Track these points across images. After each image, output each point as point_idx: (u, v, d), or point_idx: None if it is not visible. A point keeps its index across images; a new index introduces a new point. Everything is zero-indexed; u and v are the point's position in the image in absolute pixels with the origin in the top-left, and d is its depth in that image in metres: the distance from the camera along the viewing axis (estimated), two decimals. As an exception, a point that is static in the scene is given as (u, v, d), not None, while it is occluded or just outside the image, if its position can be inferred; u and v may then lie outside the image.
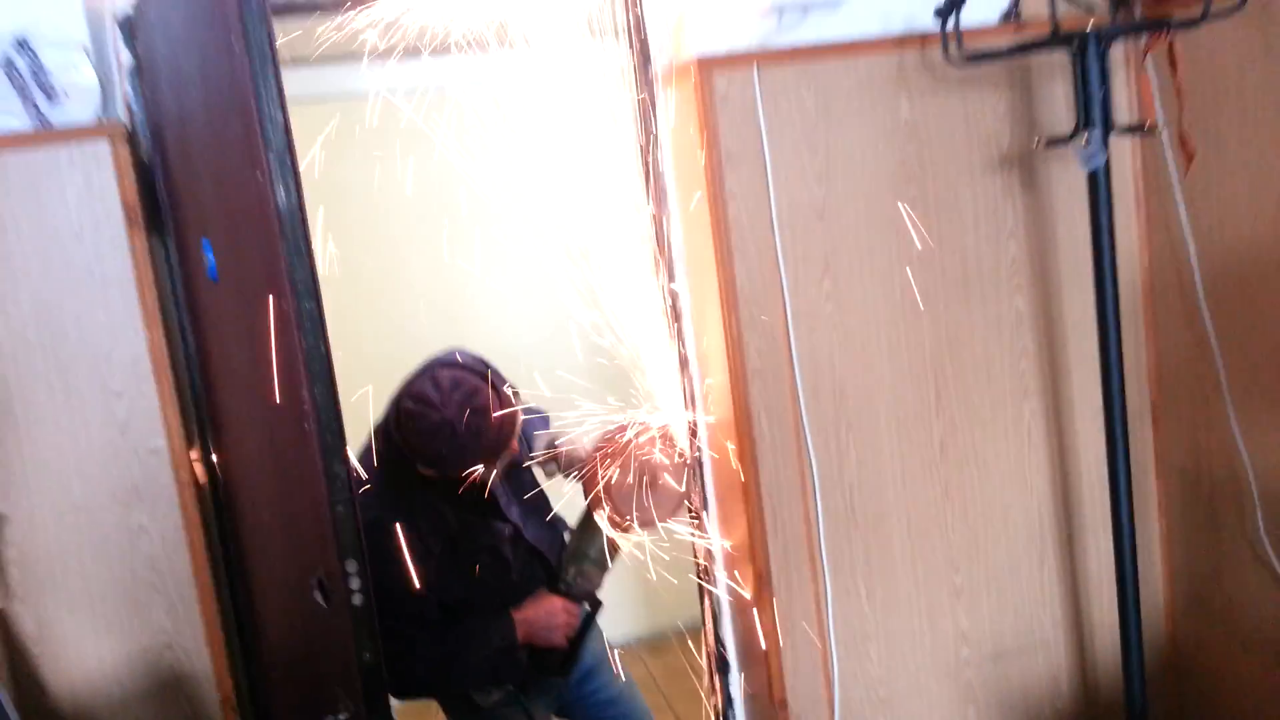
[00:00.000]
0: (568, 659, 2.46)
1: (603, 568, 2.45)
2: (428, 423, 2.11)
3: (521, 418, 2.29)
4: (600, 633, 2.68)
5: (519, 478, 2.51)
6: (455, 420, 2.10)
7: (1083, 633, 2.66)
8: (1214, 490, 2.49)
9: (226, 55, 1.33)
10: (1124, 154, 2.52)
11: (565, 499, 2.51)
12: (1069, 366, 2.54)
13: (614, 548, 2.43)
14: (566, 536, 2.52)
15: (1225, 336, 2.35)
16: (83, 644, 2.11)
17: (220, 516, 2.21)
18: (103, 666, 2.12)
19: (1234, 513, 2.43)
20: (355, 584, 1.36)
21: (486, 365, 2.27)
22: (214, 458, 2.20)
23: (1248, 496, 2.36)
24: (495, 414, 2.14)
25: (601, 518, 2.36)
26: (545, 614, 2.38)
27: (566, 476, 2.50)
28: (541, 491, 2.55)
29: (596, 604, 2.51)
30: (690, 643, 2.65)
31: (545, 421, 2.63)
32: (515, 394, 2.34)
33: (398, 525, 2.16)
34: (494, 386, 2.18)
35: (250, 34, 1.26)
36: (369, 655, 1.37)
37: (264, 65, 1.27)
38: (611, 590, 4.45)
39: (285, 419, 1.48)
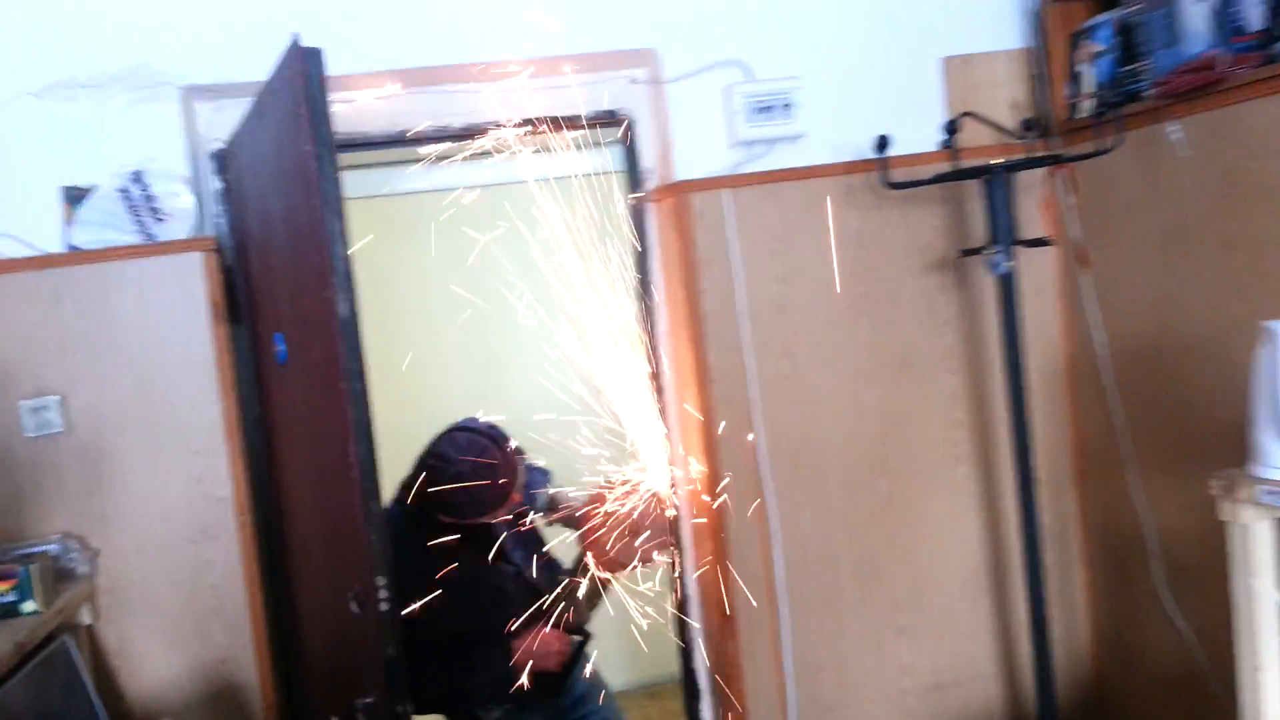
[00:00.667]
0: (560, 682, 2.80)
1: (592, 604, 2.78)
2: (445, 475, 2.49)
3: (524, 475, 2.68)
4: (593, 664, 3.02)
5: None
6: (468, 474, 2.49)
7: (1014, 669, 3.03)
8: (1124, 548, 2.89)
9: (306, 208, 1.77)
10: (1048, 261, 2.95)
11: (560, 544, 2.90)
12: (998, 437, 2.94)
13: (602, 587, 2.77)
14: (560, 577, 2.86)
15: (1127, 414, 2.76)
16: (155, 658, 2.52)
17: (271, 553, 2.63)
18: (170, 677, 2.52)
19: (1139, 566, 2.82)
20: (383, 595, 1.76)
21: (497, 430, 2.68)
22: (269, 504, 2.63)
23: (1149, 552, 2.75)
24: (501, 470, 2.53)
25: (591, 561, 2.71)
26: (541, 644, 2.67)
27: (564, 525, 2.88)
28: (541, 537, 2.94)
29: (586, 635, 2.83)
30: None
31: (546, 477, 3.03)
32: (520, 453, 2.74)
33: (416, 566, 2.55)
34: (501, 447, 2.58)
35: (327, 196, 1.70)
36: (392, 650, 1.78)
37: (334, 218, 1.71)
38: (614, 640, 4.87)
39: (335, 469, 1.90)
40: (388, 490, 2.44)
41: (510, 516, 2.73)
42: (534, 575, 2.80)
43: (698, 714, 3.01)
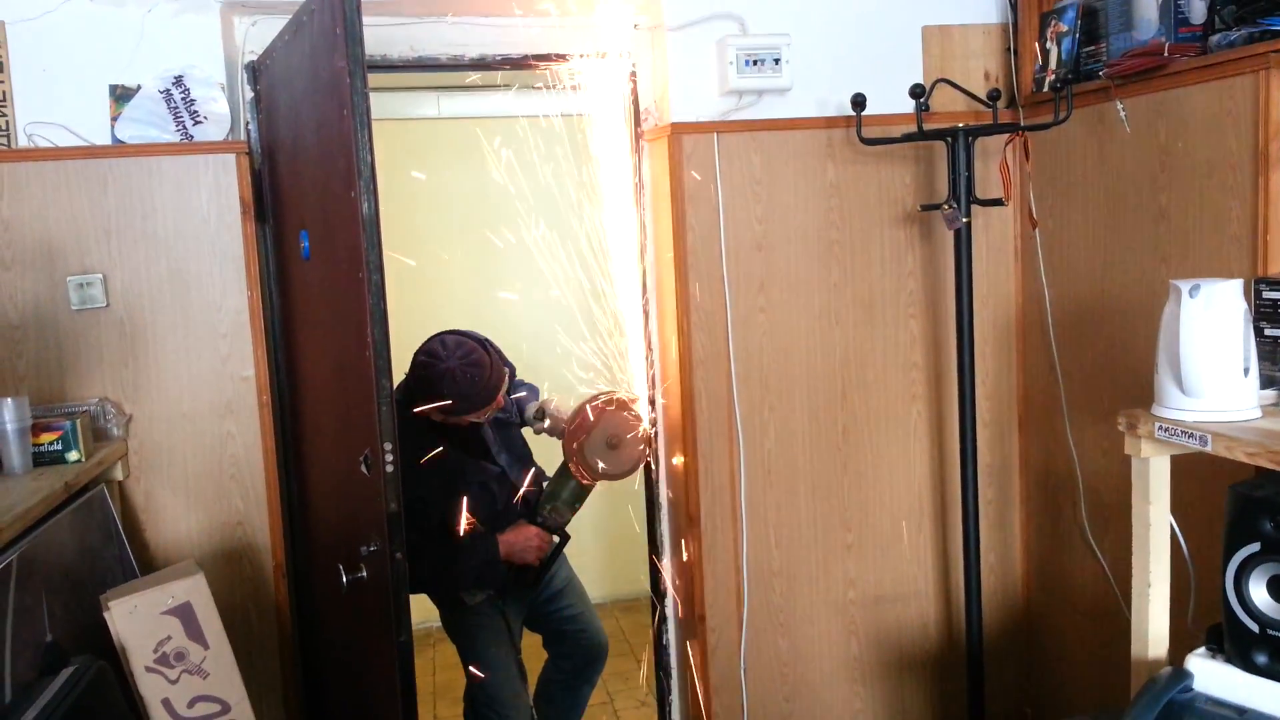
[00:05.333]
0: (539, 576, 3.07)
1: (572, 507, 3.02)
2: (434, 371, 2.72)
3: (508, 377, 2.89)
4: (569, 564, 3.28)
5: (508, 433, 3.09)
6: (455, 371, 2.71)
7: (950, 590, 3.31)
8: (1057, 486, 3.16)
9: (338, 118, 2.03)
10: (1009, 222, 3.21)
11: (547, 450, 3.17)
12: (950, 381, 3.20)
13: (583, 493, 3.02)
14: (545, 482, 3.09)
15: (1065, 366, 3.03)
16: (177, 515, 2.81)
17: (285, 428, 2.91)
18: (190, 533, 2.82)
19: (1069, 504, 3.10)
20: (389, 458, 2.02)
21: (485, 338, 2.92)
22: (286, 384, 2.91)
23: (1077, 491, 3.02)
24: (487, 371, 2.76)
25: (574, 468, 2.95)
26: (523, 538, 2.93)
27: (550, 435, 3.13)
28: (527, 445, 3.19)
29: (565, 536, 3.08)
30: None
31: (535, 392, 3.28)
32: (509, 366, 2.96)
33: (407, 457, 2.77)
34: (487, 351, 2.81)
35: (357, 108, 1.96)
36: (394, 505, 2.05)
37: (363, 129, 1.96)
38: (593, 558, 5.16)
39: (352, 350, 2.15)
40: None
41: (494, 418, 2.95)
42: (517, 478, 3.03)
43: (663, 610, 3.30)
